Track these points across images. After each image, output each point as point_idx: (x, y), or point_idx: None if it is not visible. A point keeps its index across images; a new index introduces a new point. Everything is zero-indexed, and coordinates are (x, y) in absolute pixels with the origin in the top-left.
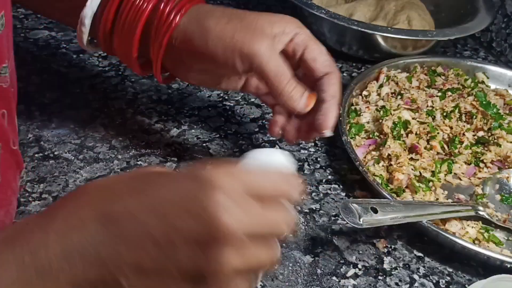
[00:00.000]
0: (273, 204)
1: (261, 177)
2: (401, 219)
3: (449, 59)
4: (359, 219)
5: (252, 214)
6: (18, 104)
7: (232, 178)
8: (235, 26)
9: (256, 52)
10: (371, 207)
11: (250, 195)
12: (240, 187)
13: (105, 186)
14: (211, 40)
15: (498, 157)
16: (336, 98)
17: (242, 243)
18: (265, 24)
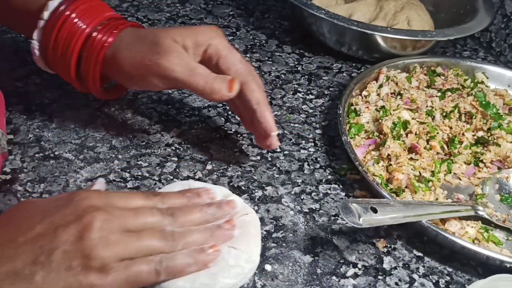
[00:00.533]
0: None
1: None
2: (401, 219)
3: (448, 59)
4: (359, 219)
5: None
6: (18, 104)
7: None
8: (145, 51)
9: (166, 69)
10: (371, 207)
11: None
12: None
13: None
14: (126, 71)
15: (497, 157)
16: (260, 103)
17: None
18: (176, 38)
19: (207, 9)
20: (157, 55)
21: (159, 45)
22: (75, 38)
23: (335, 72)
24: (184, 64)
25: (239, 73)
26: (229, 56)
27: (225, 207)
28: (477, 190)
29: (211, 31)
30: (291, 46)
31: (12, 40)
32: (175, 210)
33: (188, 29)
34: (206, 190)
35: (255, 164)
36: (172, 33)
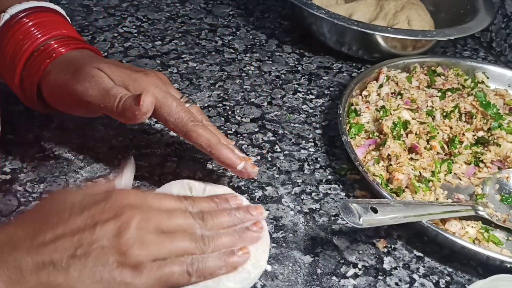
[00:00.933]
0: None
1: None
2: (401, 219)
3: (449, 59)
4: (359, 219)
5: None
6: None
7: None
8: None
9: (81, 93)
10: (371, 207)
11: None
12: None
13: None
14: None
15: (498, 157)
16: (211, 144)
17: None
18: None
19: (207, 8)
20: (74, 81)
21: (79, 72)
22: (26, 47)
23: (335, 72)
24: (99, 87)
25: (178, 123)
26: (164, 107)
27: (253, 211)
28: (477, 190)
29: (145, 79)
30: (291, 46)
31: None
32: (205, 214)
33: (121, 69)
34: (234, 196)
35: (255, 164)
36: (101, 65)
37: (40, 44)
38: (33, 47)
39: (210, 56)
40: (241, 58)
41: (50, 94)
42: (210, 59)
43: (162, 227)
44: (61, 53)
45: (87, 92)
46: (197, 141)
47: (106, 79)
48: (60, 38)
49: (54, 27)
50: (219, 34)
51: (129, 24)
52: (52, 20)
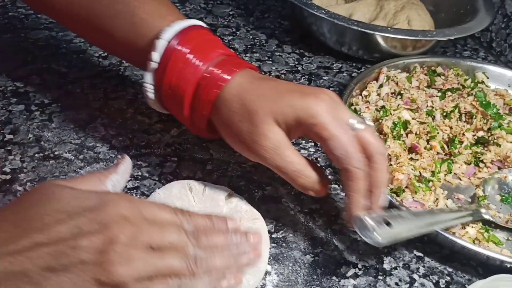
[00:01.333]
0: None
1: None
2: (417, 231)
3: (449, 59)
4: (375, 233)
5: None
6: (18, 104)
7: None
8: (242, 127)
9: (257, 155)
10: (384, 220)
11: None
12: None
13: None
14: (223, 130)
15: (498, 157)
16: (355, 194)
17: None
18: (277, 118)
19: (207, 8)
20: (252, 142)
21: (256, 129)
22: (189, 77)
23: (335, 72)
24: (278, 157)
25: (342, 159)
26: (333, 139)
27: (250, 236)
28: (478, 192)
29: (317, 104)
30: (291, 46)
31: (12, 40)
32: (200, 232)
33: (291, 104)
34: (232, 218)
35: (255, 164)
36: (274, 112)
37: (204, 72)
38: (198, 77)
39: None
40: (241, 58)
41: (223, 132)
42: None
43: (153, 243)
44: (226, 80)
45: (265, 158)
46: (349, 183)
47: (283, 142)
48: (220, 60)
49: (209, 48)
50: (219, 34)
51: None
52: (204, 40)
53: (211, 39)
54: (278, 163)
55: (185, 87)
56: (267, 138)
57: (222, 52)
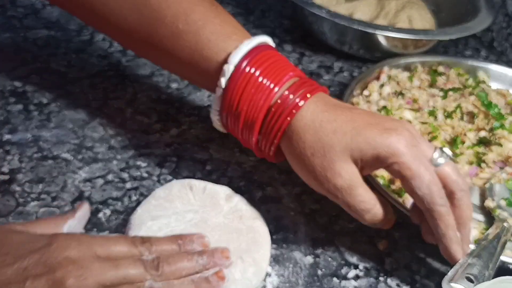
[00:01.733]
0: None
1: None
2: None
3: (450, 58)
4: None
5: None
6: (17, 104)
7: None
8: (315, 163)
9: (327, 192)
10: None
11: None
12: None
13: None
14: (294, 165)
15: (500, 157)
16: (445, 235)
17: None
18: (354, 154)
19: None
20: (324, 178)
21: (330, 165)
22: (261, 101)
23: (336, 72)
24: (349, 196)
25: (424, 200)
26: (414, 178)
27: (218, 256)
28: (489, 204)
29: (397, 141)
30: (291, 45)
31: (11, 40)
32: (161, 261)
33: (369, 141)
34: (201, 237)
35: (255, 164)
36: (349, 149)
37: (275, 97)
38: (269, 102)
39: None
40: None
41: (293, 163)
42: None
43: (105, 282)
44: (300, 107)
45: (336, 196)
46: (434, 223)
47: (355, 180)
48: (292, 84)
49: (280, 71)
50: None
51: None
52: (275, 61)
53: (281, 59)
54: (349, 202)
55: (257, 113)
56: (341, 176)
57: (294, 74)
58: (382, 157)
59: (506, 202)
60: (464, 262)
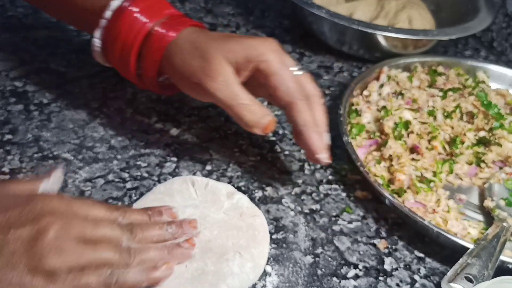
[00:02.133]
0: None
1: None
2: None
3: (449, 58)
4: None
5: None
6: (17, 104)
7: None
8: (195, 67)
9: (209, 91)
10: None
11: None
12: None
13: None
14: (177, 77)
15: (499, 157)
16: (307, 125)
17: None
18: (227, 55)
19: (206, 8)
20: (204, 76)
21: (208, 64)
22: (135, 34)
23: (336, 72)
24: (227, 91)
25: (286, 93)
26: (279, 75)
27: (186, 225)
28: (489, 204)
29: (264, 45)
30: (291, 45)
31: (11, 40)
32: (135, 226)
33: (241, 43)
34: (168, 208)
35: (255, 164)
36: (224, 50)
37: (150, 28)
38: (147, 29)
39: None
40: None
41: (177, 78)
42: None
43: (85, 237)
44: (179, 30)
45: (215, 93)
46: (296, 116)
47: (232, 78)
48: (169, 18)
49: (163, 7)
50: None
51: None
52: (157, 2)
53: (161, 1)
54: (228, 97)
55: (133, 42)
56: (218, 72)
57: (170, 12)
58: (252, 56)
59: (505, 202)
60: (464, 262)
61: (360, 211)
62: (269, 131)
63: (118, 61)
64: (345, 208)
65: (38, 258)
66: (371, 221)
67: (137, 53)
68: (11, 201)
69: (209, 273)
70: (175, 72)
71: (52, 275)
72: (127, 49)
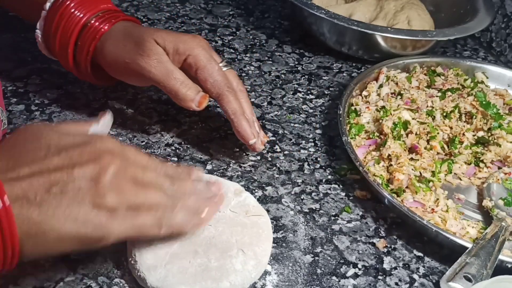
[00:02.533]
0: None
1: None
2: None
3: (448, 59)
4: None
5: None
6: (18, 104)
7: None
8: (128, 50)
9: (143, 69)
10: (465, 277)
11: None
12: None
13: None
14: (110, 64)
15: (498, 157)
16: (236, 113)
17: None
18: (158, 40)
19: (207, 8)
20: (137, 55)
21: (141, 46)
22: (72, 27)
23: (335, 72)
24: (161, 67)
25: (215, 85)
26: (208, 68)
27: (212, 187)
28: (487, 204)
29: (193, 41)
30: (291, 46)
31: (12, 40)
32: (173, 177)
33: (172, 34)
34: (198, 169)
35: (255, 164)
36: (156, 35)
37: (85, 21)
38: (86, 19)
39: None
40: (241, 58)
41: (109, 65)
42: None
43: (137, 179)
44: (112, 23)
45: (149, 69)
46: (226, 106)
47: (165, 57)
48: (106, 12)
49: (99, 2)
50: (219, 34)
51: None
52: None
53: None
54: (163, 73)
55: (70, 35)
56: (151, 51)
57: (106, 7)
58: (181, 49)
59: (504, 202)
60: (463, 261)
61: (359, 211)
62: (203, 107)
63: (58, 53)
64: (344, 207)
65: (100, 195)
66: (370, 220)
67: (74, 46)
68: (68, 141)
69: (213, 269)
70: (107, 60)
71: (113, 211)
72: (65, 42)
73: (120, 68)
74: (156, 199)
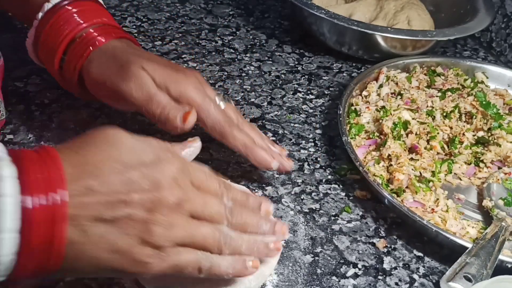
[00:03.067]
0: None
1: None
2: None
3: (448, 59)
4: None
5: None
6: (18, 104)
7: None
8: (111, 73)
9: (124, 93)
10: (464, 276)
11: None
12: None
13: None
14: (92, 85)
15: (498, 157)
16: (247, 146)
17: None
18: (146, 67)
19: (207, 8)
20: (118, 78)
21: (125, 71)
22: (66, 33)
23: (335, 72)
24: (143, 90)
25: (215, 125)
26: (203, 109)
27: (278, 229)
28: (488, 204)
29: (186, 80)
30: (291, 46)
31: (12, 40)
32: (235, 208)
33: (163, 68)
34: (267, 202)
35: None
36: (145, 64)
37: (82, 31)
38: (75, 33)
39: (210, 56)
40: (241, 58)
41: (92, 85)
42: (210, 59)
43: (194, 212)
44: (102, 42)
45: (131, 93)
46: (234, 142)
47: (150, 82)
48: (100, 26)
49: (95, 15)
50: (219, 34)
51: (129, 24)
52: (93, 9)
53: (100, 9)
54: (145, 98)
55: (61, 41)
56: (135, 75)
57: (107, 21)
58: (172, 91)
59: (504, 202)
60: (463, 261)
61: (359, 211)
62: (189, 124)
63: (45, 60)
64: (344, 207)
65: (150, 229)
66: (370, 220)
67: (61, 56)
68: (137, 156)
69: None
70: (93, 80)
71: (158, 248)
72: (55, 47)
73: (103, 91)
74: (206, 239)
